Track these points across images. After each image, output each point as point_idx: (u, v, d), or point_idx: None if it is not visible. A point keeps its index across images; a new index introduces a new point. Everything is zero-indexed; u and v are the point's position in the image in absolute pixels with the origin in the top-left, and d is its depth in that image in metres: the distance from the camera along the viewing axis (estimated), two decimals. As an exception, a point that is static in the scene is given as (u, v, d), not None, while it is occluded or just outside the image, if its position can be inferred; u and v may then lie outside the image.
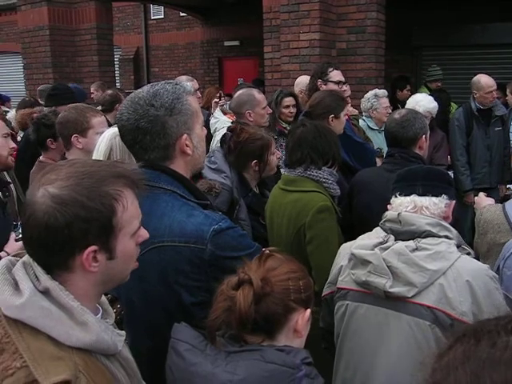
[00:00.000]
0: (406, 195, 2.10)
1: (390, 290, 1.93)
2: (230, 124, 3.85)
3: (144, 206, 1.71)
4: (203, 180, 2.87)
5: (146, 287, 1.76)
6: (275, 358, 1.42)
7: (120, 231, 1.25)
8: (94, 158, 2.37)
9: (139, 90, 1.82)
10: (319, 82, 4.29)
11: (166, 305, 1.73)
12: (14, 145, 2.84)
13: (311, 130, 2.83)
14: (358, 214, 3.08)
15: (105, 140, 2.40)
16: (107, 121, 3.47)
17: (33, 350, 1.14)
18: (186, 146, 1.80)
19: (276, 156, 3.16)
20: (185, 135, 1.79)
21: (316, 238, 2.66)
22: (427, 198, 2.07)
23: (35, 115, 4.55)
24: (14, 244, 2.71)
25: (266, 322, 1.47)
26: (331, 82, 4.27)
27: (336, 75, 4.32)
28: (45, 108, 4.94)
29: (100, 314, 1.34)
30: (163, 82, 1.82)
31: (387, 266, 1.93)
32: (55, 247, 1.19)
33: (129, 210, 1.26)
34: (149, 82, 15.26)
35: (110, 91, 5.89)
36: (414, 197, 2.08)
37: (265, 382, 1.38)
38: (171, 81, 1.86)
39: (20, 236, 2.74)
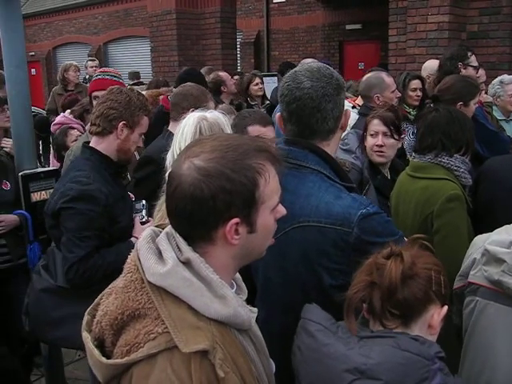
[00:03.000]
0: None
1: None
2: (349, 107, 3.79)
3: (290, 184, 1.74)
4: None
5: (285, 265, 1.77)
6: (410, 346, 1.38)
7: (261, 205, 1.26)
8: (177, 141, 2.35)
9: (308, 64, 1.90)
10: (460, 65, 4.10)
11: (304, 285, 1.73)
12: (141, 144, 2.95)
13: (444, 114, 2.70)
14: (483, 203, 2.90)
15: (190, 123, 2.34)
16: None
17: (174, 318, 1.18)
18: (346, 121, 1.87)
19: (375, 142, 3.10)
20: (348, 110, 1.86)
21: (444, 228, 2.55)
22: None
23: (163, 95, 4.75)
24: (140, 227, 2.78)
25: (405, 305, 1.44)
26: (471, 66, 4.08)
27: (475, 60, 4.14)
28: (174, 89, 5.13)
29: (235, 289, 1.35)
30: None
31: None
32: (199, 218, 1.21)
33: (270, 184, 1.27)
34: (269, 66, 15.46)
35: (211, 75, 5.97)
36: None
37: (400, 369, 1.35)
38: None
39: (144, 219, 2.84)
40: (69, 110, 5.27)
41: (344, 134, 3.30)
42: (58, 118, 5.18)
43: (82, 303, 2.54)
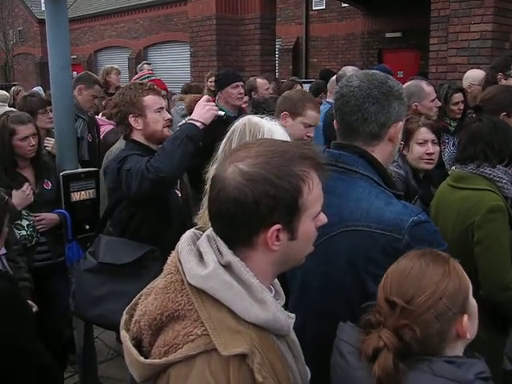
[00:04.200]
0: None
1: None
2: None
3: (339, 188, 1.74)
4: None
5: (328, 271, 1.75)
6: (445, 371, 1.32)
7: (304, 212, 1.25)
8: (223, 144, 2.31)
9: (368, 70, 1.90)
10: (499, 75, 4.02)
11: (347, 291, 1.71)
12: (169, 116, 2.98)
13: (488, 125, 2.65)
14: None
15: (239, 127, 2.28)
16: None
17: (213, 320, 1.18)
18: (396, 134, 1.82)
19: (425, 150, 3.02)
20: (400, 123, 1.81)
21: (486, 240, 2.49)
22: None
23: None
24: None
25: (422, 353, 1.36)
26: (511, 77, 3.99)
27: None
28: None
29: (273, 295, 1.34)
30: None
31: None
32: (241, 223, 1.21)
33: (313, 192, 1.26)
34: (307, 73, 15.45)
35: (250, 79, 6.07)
36: None
37: None
38: None
39: None
40: (102, 113, 5.40)
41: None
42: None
43: (120, 281, 2.69)
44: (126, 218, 2.87)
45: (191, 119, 2.77)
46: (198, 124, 2.74)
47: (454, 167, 2.86)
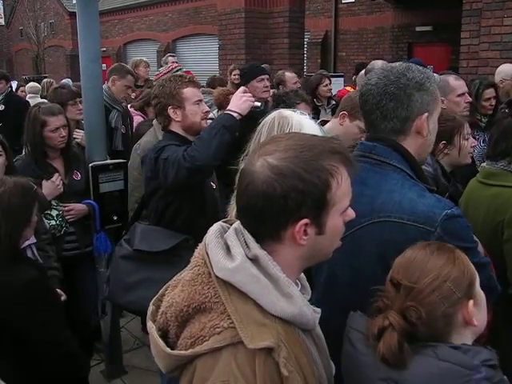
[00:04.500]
0: None
1: None
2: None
3: (371, 180, 1.73)
4: None
5: (357, 263, 1.74)
6: (450, 355, 1.32)
7: (332, 207, 1.24)
8: (254, 138, 2.30)
9: (391, 64, 1.86)
10: None
11: (375, 283, 1.70)
12: (207, 108, 3.01)
13: (521, 121, 2.61)
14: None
15: (268, 121, 2.27)
16: None
17: (240, 313, 1.18)
18: (423, 126, 1.77)
19: (471, 144, 2.95)
20: (425, 114, 1.76)
21: (516, 238, 2.46)
22: None
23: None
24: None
25: (430, 338, 1.37)
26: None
27: None
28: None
29: (299, 289, 1.34)
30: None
31: None
32: (269, 216, 1.21)
33: (342, 186, 1.25)
34: (335, 67, 15.33)
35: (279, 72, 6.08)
36: None
37: (436, 380, 1.30)
38: None
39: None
40: (130, 104, 5.45)
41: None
42: None
43: (154, 269, 2.74)
44: (163, 207, 2.90)
45: (228, 110, 2.80)
46: (235, 114, 2.76)
47: (484, 163, 2.81)
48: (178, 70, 4.55)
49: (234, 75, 7.05)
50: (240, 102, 2.79)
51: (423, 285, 1.37)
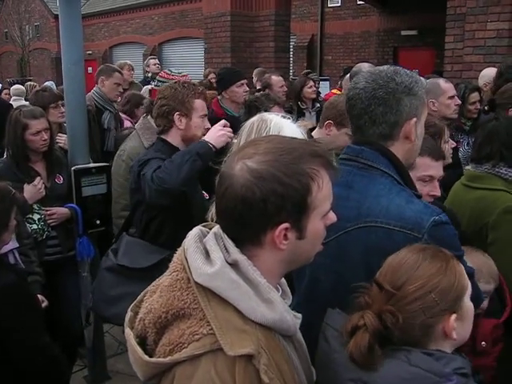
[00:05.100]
0: None
1: None
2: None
3: (358, 184, 1.71)
4: None
5: (341, 268, 1.71)
6: (421, 361, 1.30)
7: (313, 211, 1.22)
8: (235, 142, 2.32)
9: (378, 67, 1.83)
10: None
11: (359, 287, 1.68)
12: (209, 125, 2.95)
13: (505, 124, 2.61)
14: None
15: (247, 124, 2.28)
16: None
17: (220, 320, 1.16)
18: (412, 131, 1.75)
19: (450, 145, 2.95)
20: (414, 119, 1.74)
21: (500, 241, 2.45)
22: None
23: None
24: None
25: (406, 343, 1.36)
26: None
27: None
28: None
29: (280, 294, 1.31)
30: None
31: None
32: (249, 221, 1.19)
33: (323, 190, 1.23)
34: (321, 70, 15.38)
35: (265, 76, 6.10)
36: None
37: None
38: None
39: None
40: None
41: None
42: None
43: (137, 283, 2.65)
44: (147, 220, 2.87)
45: (204, 140, 2.76)
46: (210, 145, 2.71)
47: (468, 166, 2.81)
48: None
49: (211, 79, 7.09)
50: (217, 135, 2.75)
51: (406, 292, 1.35)
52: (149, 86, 5.88)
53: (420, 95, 1.76)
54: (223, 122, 2.86)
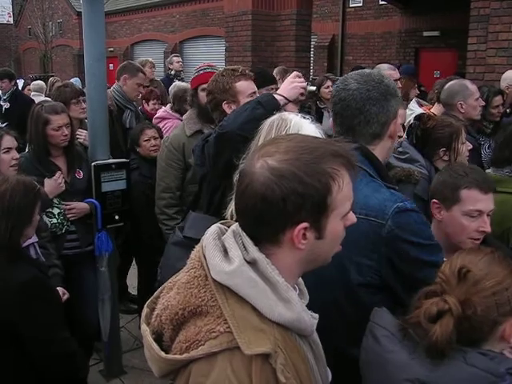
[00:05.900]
0: None
1: None
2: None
3: None
4: (399, 168, 2.76)
5: None
6: (477, 361, 1.31)
7: (332, 211, 1.21)
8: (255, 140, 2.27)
9: (363, 70, 1.92)
10: None
11: (331, 281, 1.68)
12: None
13: (527, 127, 2.58)
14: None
15: (267, 122, 2.23)
16: None
17: (237, 318, 1.15)
18: (395, 131, 1.85)
19: (467, 147, 2.92)
20: (398, 118, 1.85)
21: (522, 246, 2.43)
22: None
23: None
24: None
25: (467, 339, 1.36)
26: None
27: None
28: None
29: (297, 293, 1.30)
30: None
31: None
32: (268, 219, 1.18)
33: (343, 190, 1.22)
34: (342, 70, 15.31)
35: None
36: None
37: None
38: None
39: None
40: (169, 105, 5.25)
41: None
42: (160, 112, 5.21)
43: None
44: (211, 192, 2.85)
45: (276, 92, 2.72)
46: (279, 98, 2.63)
47: (488, 170, 2.78)
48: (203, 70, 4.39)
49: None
50: (290, 88, 2.68)
51: (488, 284, 1.37)
52: (176, 83, 5.84)
53: (398, 99, 1.87)
54: (295, 73, 2.83)
